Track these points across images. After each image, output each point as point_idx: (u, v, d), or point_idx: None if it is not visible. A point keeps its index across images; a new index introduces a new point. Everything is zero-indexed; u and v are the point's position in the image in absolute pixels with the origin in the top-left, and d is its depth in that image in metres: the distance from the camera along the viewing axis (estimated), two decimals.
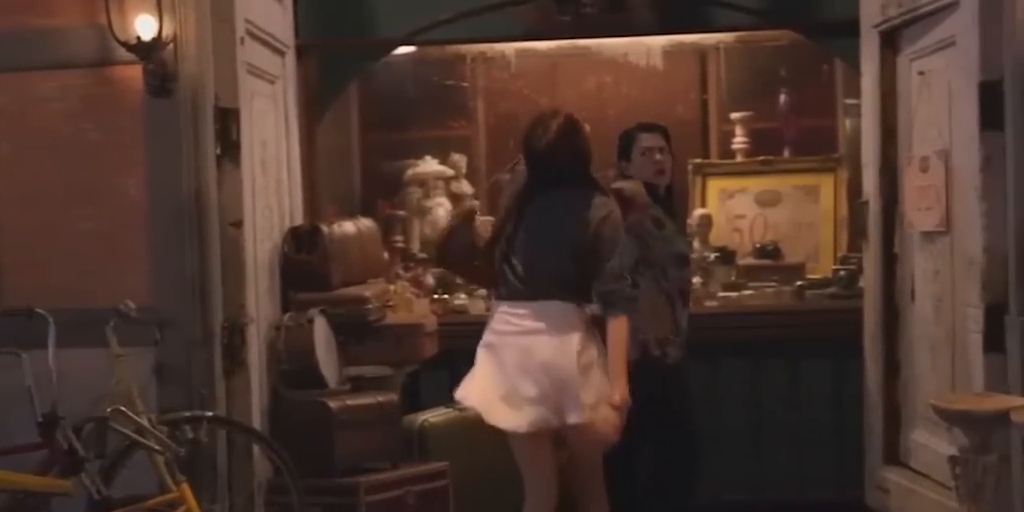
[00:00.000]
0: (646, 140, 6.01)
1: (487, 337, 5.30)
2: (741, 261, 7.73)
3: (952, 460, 5.17)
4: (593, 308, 5.24)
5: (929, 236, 6.13)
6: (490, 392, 5.22)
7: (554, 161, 5.21)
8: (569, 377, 5.07)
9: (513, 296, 5.23)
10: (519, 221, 5.25)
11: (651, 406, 5.51)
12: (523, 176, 5.35)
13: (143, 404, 5.41)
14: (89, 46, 5.75)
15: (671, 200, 6.07)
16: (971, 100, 5.47)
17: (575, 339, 5.11)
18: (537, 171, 5.27)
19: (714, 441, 6.59)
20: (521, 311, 5.18)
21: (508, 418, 5.18)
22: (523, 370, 5.13)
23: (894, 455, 6.59)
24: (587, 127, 5.33)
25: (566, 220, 5.15)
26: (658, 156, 5.97)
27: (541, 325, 5.13)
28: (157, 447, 5.29)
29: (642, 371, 5.43)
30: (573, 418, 5.08)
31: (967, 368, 5.64)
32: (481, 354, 5.30)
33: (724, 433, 6.98)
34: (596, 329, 5.21)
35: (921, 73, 6.23)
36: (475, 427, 6.32)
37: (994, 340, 5.40)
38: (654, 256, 5.75)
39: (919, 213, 6.19)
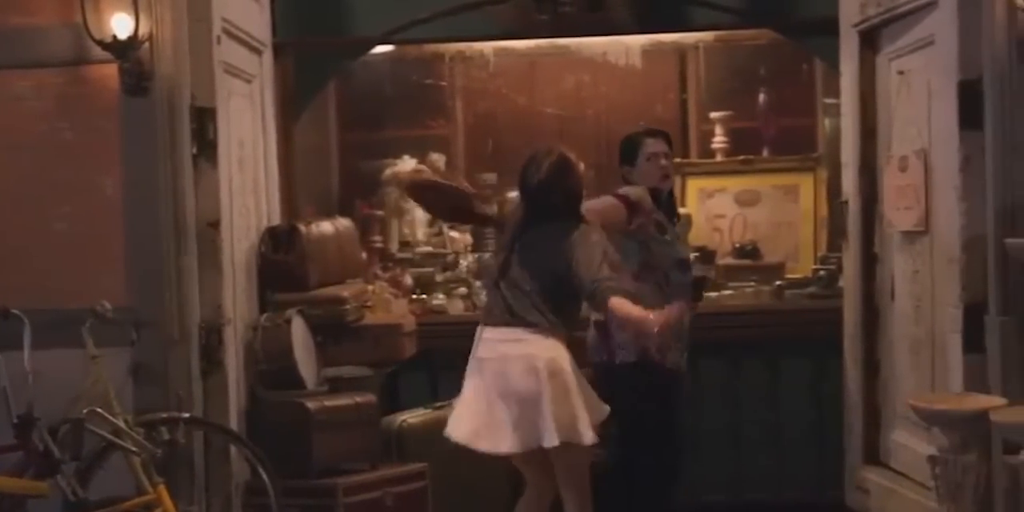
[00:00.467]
0: (651, 145, 6.00)
1: (471, 363, 5.42)
2: (721, 261, 7.75)
3: (932, 460, 5.20)
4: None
5: (909, 236, 6.15)
6: (473, 422, 5.33)
7: (544, 198, 5.37)
8: (541, 401, 5.18)
9: (496, 322, 5.36)
10: (511, 252, 5.40)
11: (644, 409, 5.64)
12: (521, 209, 5.51)
13: (119, 405, 5.40)
14: (64, 45, 5.73)
15: (672, 205, 6.09)
16: (950, 99, 5.49)
17: (548, 364, 5.22)
18: (529, 206, 5.45)
19: (694, 441, 6.61)
20: (501, 337, 5.33)
21: (490, 444, 5.30)
22: (501, 396, 5.25)
23: (874, 455, 6.61)
24: (580, 166, 5.46)
25: (548, 251, 5.29)
26: (663, 161, 5.98)
27: (518, 351, 5.26)
28: (134, 448, 5.28)
29: (639, 374, 5.60)
30: (545, 441, 5.19)
31: (947, 368, 5.66)
32: (465, 382, 5.41)
33: (704, 433, 6.99)
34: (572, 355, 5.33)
35: (900, 72, 6.25)
36: None
37: (973, 340, 5.42)
38: (656, 261, 5.76)
39: (898, 213, 6.21)
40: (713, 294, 7.31)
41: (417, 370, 7.02)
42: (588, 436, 5.21)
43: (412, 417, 6.51)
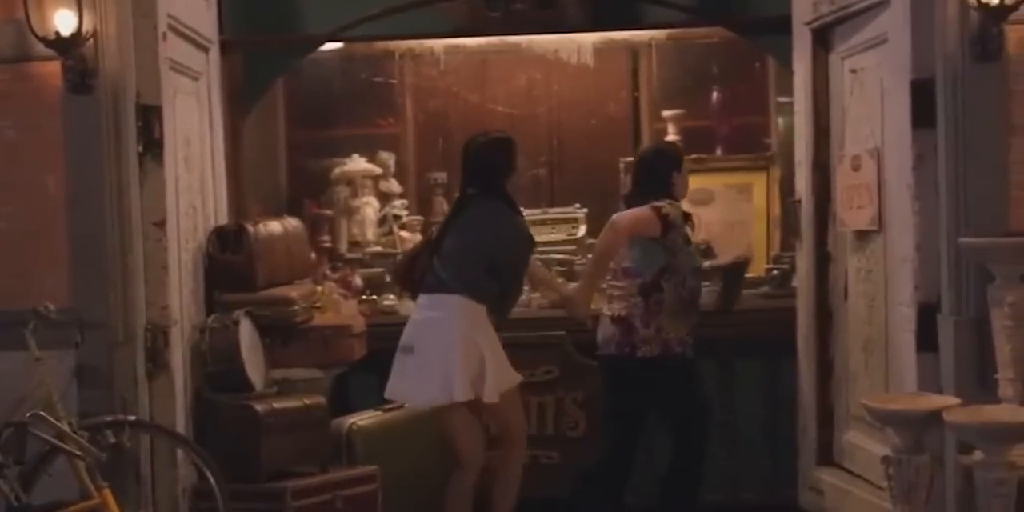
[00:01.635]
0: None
1: (406, 325, 6.05)
2: None
3: (885, 460, 5.22)
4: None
5: (862, 235, 6.19)
6: (397, 378, 6.01)
7: (475, 162, 6.03)
8: (454, 360, 5.79)
9: (428, 289, 5.99)
10: (446, 228, 6.05)
11: (675, 396, 6.17)
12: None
13: (63, 408, 5.35)
14: (6, 41, 5.68)
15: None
16: (903, 98, 5.53)
17: (461, 328, 5.84)
18: (463, 172, 6.10)
19: (646, 441, 6.64)
20: (429, 302, 5.96)
21: (409, 398, 6.09)
22: (418, 354, 5.89)
23: (828, 456, 6.65)
24: (518, 156, 6.08)
25: (481, 231, 5.92)
26: None
27: (439, 314, 5.88)
28: (78, 452, 5.23)
29: (665, 366, 6.09)
30: (457, 396, 5.82)
31: (900, 368, 5.69)
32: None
33: (656, 433, 7.02)
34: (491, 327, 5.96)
35: (853, 71, 6.28)
36: (404, 430, 6.33)
37: (926, 339, 5.46)
38: (678, 266, 6.13)
39: (851, 212, 6.24)
40: None
41: (367, 372, 6.99)
42: (492, 395, 5.83)
43: (362, 419, 6.49)
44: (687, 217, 6.24)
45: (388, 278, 7.58)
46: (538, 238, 7.46)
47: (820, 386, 6.68)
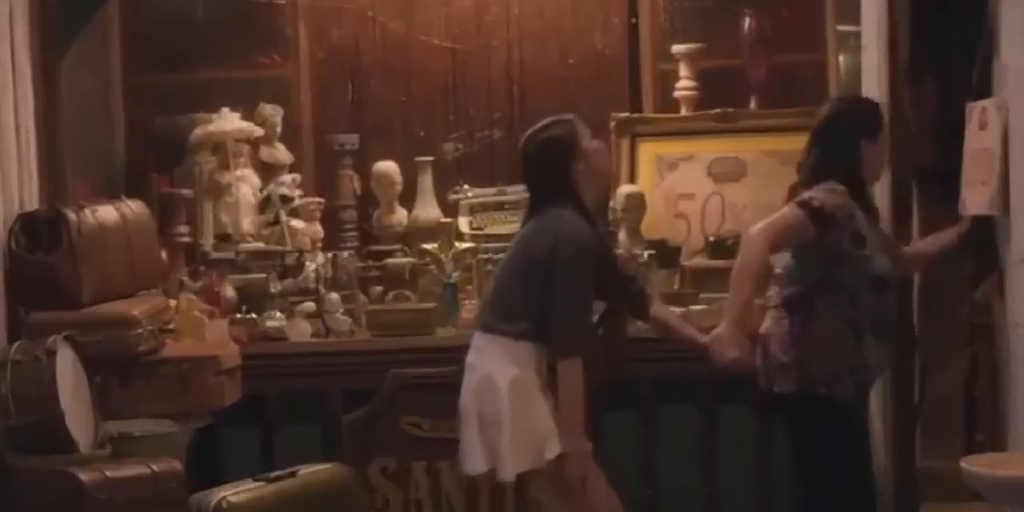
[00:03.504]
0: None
1: None
2: (688, 262, 7.77)
3: None
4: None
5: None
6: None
7: (528, 165, 6.43)
8: (492, 423, 6.08)
9: (477, 326, 6.36)
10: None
11: (813, 448, 6.24)
12: None
13: None
14: None
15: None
16: None
17: (506, 381, 6.08)
18: (524, 179, 6.57)
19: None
20: (475, 342, 6.27)
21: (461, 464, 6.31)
22: (462, 410, 6.20)
23: None
24: (591, 144, 6.34)
25: (522, 244, 6.30)
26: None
27: (477, 360, 6.21)
28: None
29: (801, 409, 6.21)
30: (479, 466, 6.17)
31: (1016, 412, 5.73)
32: None
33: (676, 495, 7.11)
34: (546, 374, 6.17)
35: None
36: (293, 508, 6.31)
37: None
38: (843, 278, 6.15)
39: (972, 190, 6.22)
40: (678, 309, 7.32)
41: (243, 423, 7.02)
42: (506, 472, 6.11)
43: (235, 493, 6.46)
44: (869, 207, 6.29)
45: (273, 288, 7.57)
46: (489, 229, 7.55)
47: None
